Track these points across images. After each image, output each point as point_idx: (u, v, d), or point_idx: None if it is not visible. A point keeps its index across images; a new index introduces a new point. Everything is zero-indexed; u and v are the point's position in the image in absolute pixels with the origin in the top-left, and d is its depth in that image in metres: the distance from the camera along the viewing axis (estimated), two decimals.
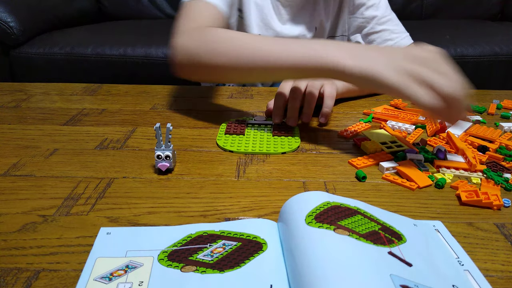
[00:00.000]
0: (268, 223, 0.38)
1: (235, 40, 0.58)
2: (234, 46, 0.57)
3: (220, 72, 0.60)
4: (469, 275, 0.33)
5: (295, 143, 0.56)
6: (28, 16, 1.59)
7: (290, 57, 0.53)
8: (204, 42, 0.60)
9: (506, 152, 0.54)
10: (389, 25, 0.82)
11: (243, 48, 0.57)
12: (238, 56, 0.57)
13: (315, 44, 0.53)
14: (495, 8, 2.08)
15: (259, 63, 0.55)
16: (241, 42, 0.57)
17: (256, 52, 0.55)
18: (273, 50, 0.54)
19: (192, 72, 0.64)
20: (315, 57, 0.51)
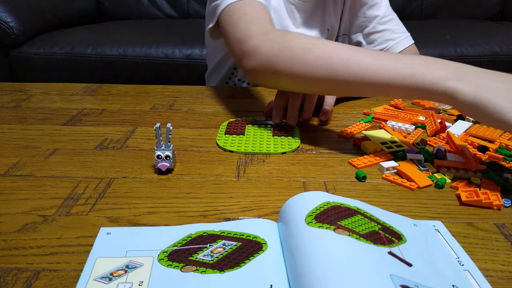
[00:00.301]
0: (268, 223, 0.38)
1: (319, 49, 0.53)
2: (318, 55, 0.52)
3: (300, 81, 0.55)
4: (469, 275, 0.33)
5: (295, 143, 0.56)
6: (28, 16, 1.59)
7: (387, 73, 0.48)
8: (281, 47, 0.55)
9: (506, 152, 0.54)
10: (391, 24, 0.82)
11: (329, 60, 0.51)
12: (323, 67, 0.51)
13: (416, 61, 0.48)
14: (495, 8, 2.08)
15: (348, 78, 0.50)
16: (327, 51, 0.52)
17: (346, 65, 0.50)
18: (368, 64, 0.49)
19: (266, 79, 0.60)
20: (417, 76, 0.46)
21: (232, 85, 0.89)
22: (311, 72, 0.52)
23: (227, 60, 0.87)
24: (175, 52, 1.53)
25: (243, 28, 0.61)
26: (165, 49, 1.53)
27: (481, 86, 0.43)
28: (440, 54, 1.52)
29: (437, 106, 0.71)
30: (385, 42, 0.82)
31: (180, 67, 1.53)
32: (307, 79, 0.53)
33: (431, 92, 0.45)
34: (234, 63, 0.86)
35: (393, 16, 0.83)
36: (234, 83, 0.89)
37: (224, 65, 0.88)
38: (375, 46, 0.83)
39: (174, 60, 1.53)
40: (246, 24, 0.62)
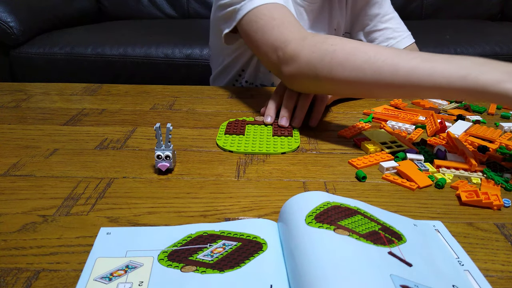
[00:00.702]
0: (268, 223, 0.38)
1: (362, 53, 0.52)
2: (362, 59, 0.52)
3: (343, 87, 0.55)
4: (469, 275, 0.33)
5: (295, 143, 0.56)
6: (28, 16, 1.59)
7: (439, 76, 0.47)
8: (324, 53, 0.54)
9: (506, 152, 0.54)
10: (392, 23, 0.82)
11: (374, 64, 0.51)
12: (368, 72, 0.51)
13: (467, 62, 0.47)
14: (495, 8, 2.08)
15: (397, 82, 0.49)
16: (370, 55, 0.51)
17: (393, 69, 0.49)
18: (414, 67, 0.48)
19: (306, 84, 0.59)
20: (471, 79, 0.45)
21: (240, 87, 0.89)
22: (356, 77, 0.52)
23: (235, 63, 0.86)
24: (175, 52, 1.53)
25: (276, 34, 0.60)
26: (165, 49, 1.53)
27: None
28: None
29: (437, 106, 0.71)
30: (386, 41, 0.82)
31: (180, 67, 1.53)
32: (351, 84, 0.53)
33: (485, 94, 0.45)
34: (243, 65, 0.85)
35: (394, 14, 0.84)
36: (241, 85, 0.88)
37: (232, 69, 0.87)
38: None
39: (174, 60, 1.53)
40: (279, 30, 0.60)
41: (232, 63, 0.87)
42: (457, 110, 0.69)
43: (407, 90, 0.50)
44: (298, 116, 0.61)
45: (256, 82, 0.87)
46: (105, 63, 1.53)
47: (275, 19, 0.62)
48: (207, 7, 2.06)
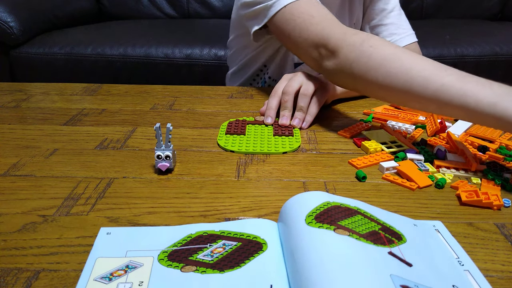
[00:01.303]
0: (268, 223, 0.38)
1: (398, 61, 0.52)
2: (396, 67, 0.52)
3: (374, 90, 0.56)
4: (469, 275, 0.33)
5: (295, 142, 0.56)
6: (28, 16, 1.59)
7: (470, 98, 0.46)
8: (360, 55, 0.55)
9: (506, 152, 0.54)
10: (397, 19, 0.83)
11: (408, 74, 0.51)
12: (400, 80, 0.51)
13: (498, 88, 0.46)
14: (495, 8, 2.08)
15: (426, 95, 0.49)
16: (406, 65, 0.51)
17: (424, 83, 0.49)
18: (447, 85, 0.48)
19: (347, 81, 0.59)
20: (500, 107, 0.44)
21: (262, 83, 0.88)
22: (388, 83, 0.52)
23: (257, 59, 0.86)
24: (175, 52, 1.53)
25: (317, 31, 0.61)
26: (165, 49, 1.53)
27: None
28: (440, 54, 1.52)
29: None
30: (389, 36, 0.83)
31: (180, 67, 1.53)
32: (382, 88, 0.53)
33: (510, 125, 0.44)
34: (265, 61, 0.85)
35: (400, 12, 0.85)
36: (264, 81, 0.88)
37: (253, 65, 0.87)
38: None
39: (174, 60, 1.52)
40: (318, 27, 0.61)
41: (253, 59, 0.87)
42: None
43: (436, 106, 0.50)
44: (298, 116, 0.61)
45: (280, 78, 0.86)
46: (105, 63, 1.53)
47: (314, 17, 0.62)
48: (207, 7, 2.06)
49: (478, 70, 1.55)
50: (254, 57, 0.86)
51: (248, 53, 0.86)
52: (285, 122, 0.60)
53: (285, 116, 0.61)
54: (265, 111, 0.63)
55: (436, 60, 0.52)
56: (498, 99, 0.45)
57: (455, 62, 1.53)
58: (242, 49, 0.88)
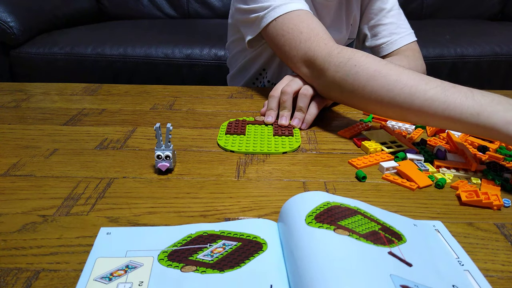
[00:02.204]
0: (268, 223, 0.38)
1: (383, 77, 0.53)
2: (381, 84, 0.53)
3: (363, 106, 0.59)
4: (469, 275, 0.33)
5: (295, 142, 0.56)
6: (28, 16, 1.59)
7: (453, 110, 0.48)
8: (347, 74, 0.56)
9: (506, 152, 0.54)
10: (396, 19, 0.83)
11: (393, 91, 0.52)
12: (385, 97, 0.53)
13: (482, 98, 0.47)
14: (495, 8, 2.08)
15: (412, 107, 0.51)
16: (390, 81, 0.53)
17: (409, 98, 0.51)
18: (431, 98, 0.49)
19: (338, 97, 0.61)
20: (484, 114, 0.46)
21: (262, 86, 0.88)
22: (375, 100, 0.54)
23: (254, 63, 0.86)
24: (175, 52, 1.53)
25: (304, 49, 0.62)
26: (165, 49, 1.53)
27: None
28: (440, 54, 1.52)
29: None
30: (389, 36, 0.83)
31: (180, 67, 1.53)
32: (371, 103, 0.55)
33: (495, 133, 0.45)
34: (263, 65, 0.86)
35: (399, 11, 0.85)
36: (263, 85, 0.88)
37: (251, 68, 0.88)
38: (379, 38, 0.84)
39: (174, 60, 1.52)
40: (306, 45, 0.62)
41: (250, 63, 0.87)
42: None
43: (422, 119, 0.51)
44: (297, 117, 0.61)
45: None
46: (105, 63, 1.53)
47: (302, 33, 0.63)
48: (207, 7, 2.06)
49: (478, 70, 1.55)
50: (252, 60, 0.86)
51: (246, 56, 0.86)
52: (284, 123, 0.60)
53: (284, 116, 0.61)
54: (265, 111, 0.63)
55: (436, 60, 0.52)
56: (481, 109, 0.46)
57: (455, 62, 1.53)
58: (240, 52, 0.88)
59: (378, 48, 0.85)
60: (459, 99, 0.48)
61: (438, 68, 1.52)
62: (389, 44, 0.83)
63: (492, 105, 0.46)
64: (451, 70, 1.54)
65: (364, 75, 0.55)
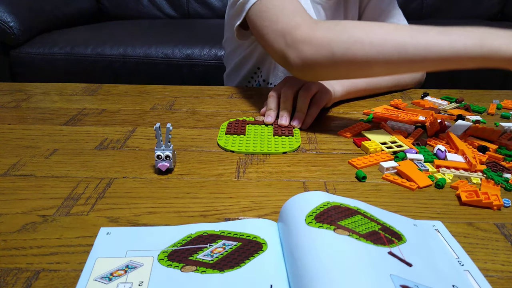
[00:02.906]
0: (268, 223, 0.38)
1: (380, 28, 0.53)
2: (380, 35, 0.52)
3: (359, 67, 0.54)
4: (469, 275, 0.33)
5: (295, 142, 0.56)
6: (28, 16, 1.59)
7: (457, 46, 0.49)
8: (339, 33, 0.53)
9: (506, 152, 0.54)
10: (396, 19, 0.84)
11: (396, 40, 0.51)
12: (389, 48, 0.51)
13: (476, 31, 0.50)
14: (495, 8, 2.08)
15: (418, 55, 0.50)
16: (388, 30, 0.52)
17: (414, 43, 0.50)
18: (434, 39, 0.50)
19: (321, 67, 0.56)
20: (486, 46, 0.48)
21: (257, 85, 0.88)
22: (376, 54, 0.51)
23: (248, 61, 0.86)
24: (175, 52, 1.53)
25: (286, 20, 0.58)
26: (165, 49, 1.53)
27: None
28: None
29: (437, 106, 0.71)
30: None
31: (180, 67, 1.53)
32: (369, 62, 0.52)
33: (500, 58, 0.48)
34: (256, 63, 0.85)
35: (399, 12, 0.85)
36: (258, 84, 0.88)
37: (244, 66, 0.87)
38: None
39: (174, 60, 1.53)
40: (289, 17, 0.59)
41: (244, 60, 0.87)
42: (457, 110, 0.69)
43: (427, 63, 0.51)
44: (297, 117, 0.61)
45: (275, 82, 0.86)
46: (105, 63, 1.53)
47: (285, 8, 0.60)
48: (207, 7, 2.07)
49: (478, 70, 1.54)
50: (246, 58, 0.86)
51: (240, 53, 0.86)
52: (284, 123, 0.60)
53: (284, 116, 0.61)
54: (265, 111, 0.63)
55: None
56: (483, 41, 0.48)
57: None
58: (235, 50, 0.88)
59: None
60: (462, 35, 0.49)
61: None
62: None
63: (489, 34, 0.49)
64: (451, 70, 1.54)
65: (361, 30, 0.53)
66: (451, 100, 0.73)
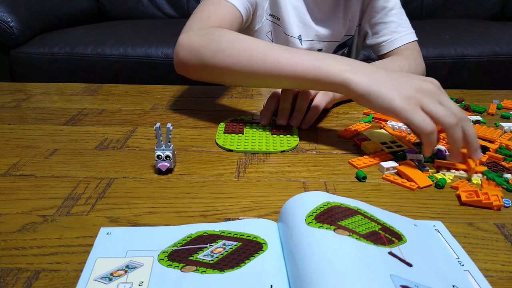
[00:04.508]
0: (268, 223, 0.38)
1: (242, 42, 0.58)
2: (240, 48, 0.57)
3: (222, 72, 0.59)
4: (469, 275, 0.33)
5: (293, 141, 0.56)
6: (28, 16, 1.59)
7: (297, 66, 0.53)
8: (209, 40, 0.60)
9: (506, 152, 0.54)
10: (398, 18, 0.84)
11: (249, 52, 0.56)
12: (243, 58, 0.56)
13: (323, 56, 0.53)
14: (495, 8, 2.08)
15: (264, 70, 0.55)
16: (248, 45, 0.57)
17: (262, 58, 0.55)
18: (280, 57, 0.54)
19: (193, 70, 0.63)
20: (322, 69, 0.52)
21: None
22: (232, 64, 0.57)
23: None
24: None
25: (190, 21, 0.67)
26: (165, 49, 1.53)
27: (373, 78, 0.50)
28: (440, 54, 1.52)
29: None
30: (389, 34, 0.83)
31: None
32: (229, 70, 0.58)
33: (331, 83, 0.52)
34: None
35: (401, 10, 0.85)
36: None
37: None
38: (380, 37, 0.84)
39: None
40: (195, 18, 0.67)
41: None
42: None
43: (273, 79, 0.56)
44: (296, 117, 0.61)
45: None
46: (105, 63, 1.53)
47: (206, 9, 0.69)
48: None
49: (478, 70, 1.55)
50: None
51: None
52: (282, 123, 0.60)
53: (283, 115, 0.61)
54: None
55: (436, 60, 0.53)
56: (320, 64, 0.52)
57: (455, 62, 1.53)
58: None
59: (378, 46, 0.85)
60: (303, 57, 0.54)
61: (438, 68, 1.52)
62: (390, 42, 0.83)
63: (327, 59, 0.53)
64: (451, 70, 1.54)
65: (226, 41, 0.58)
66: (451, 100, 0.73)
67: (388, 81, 0.50)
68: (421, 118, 0.47)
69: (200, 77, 0.65)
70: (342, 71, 0.51)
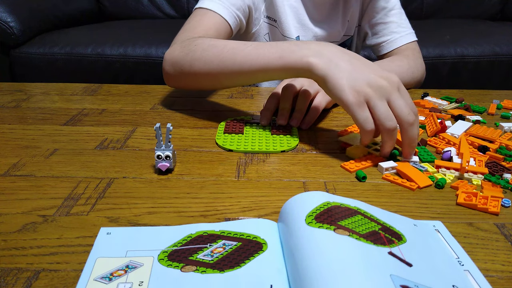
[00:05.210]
0: (268, 223, 0.38)
1: (214, 47, 0.60)
2: (212, 53, 0.59)
3: (201, 79, 0.62)
4: (469, 275, 0.33)
5: (293, 141, 0.56)
6: (28, 16, 1.59)
7: (263, 59, 0.55)
8: (187, 51, 0.62)
9: (506, 152, 0.54)
10: (397, 18, 0.84)
11: (220, 55, 0.58)
12: (215, 62, 0.59)
13: (288, 44, 0.54)
14: (495, 8, 2.08)
15: (235, 69, 0.57)
16: (219, 49, 0.59)
17: (232, 58, 0.57)
18: (247, 54, 0.56)
19: (178, 80, 0.67)
20: (284, 58, 0.53)
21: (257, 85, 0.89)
22: (208, 69, 0.60)
23: None
24: None
25: (178, 34, 0.70)
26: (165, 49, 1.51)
27: (332, 63, 0.50)
28: (440, 54, 1.52)
29: (437, 106, 0.71)
30: (389, 34, 0.83)
31: None
32: (206, 76, 0.61)
33: (296, 68, 0.52)
34: None
35: (401, 11, 0.85)
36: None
37: None
38: (380, 37, 0.84)
39: None
40: (182, 31, 0.71)
41: None
42: (457, 110, 0.69)
43: (244, 76, 0.58)
44: (296, 117, 0.61)
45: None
46: (105, 63, 1.53)
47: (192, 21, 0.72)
48: None
49: (478, 70, 1.55)
50: None
51: None
52: (282, 123, 0.60)
53: (283, 116, 0.61)
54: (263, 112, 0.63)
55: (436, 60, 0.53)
56: (283, 53, 0.53)
57: (455, 62, 1.53)
58: None
59: (378, 46, 0.85)
60: (267, 50, 0.55)
61: (438, 68, 1.52)
62: (389, 42, 0.83)
63: (291, 47, 0.53)
64: (451, 70, 1.54)
65: (200, 49, 0.61)
66: (451, 100, 0.73)
67: (345, 69, 0.49)
68: (363, 115, 0.48)
69: (184, 87, 0.68)
70: (304, 56, 0.51)
